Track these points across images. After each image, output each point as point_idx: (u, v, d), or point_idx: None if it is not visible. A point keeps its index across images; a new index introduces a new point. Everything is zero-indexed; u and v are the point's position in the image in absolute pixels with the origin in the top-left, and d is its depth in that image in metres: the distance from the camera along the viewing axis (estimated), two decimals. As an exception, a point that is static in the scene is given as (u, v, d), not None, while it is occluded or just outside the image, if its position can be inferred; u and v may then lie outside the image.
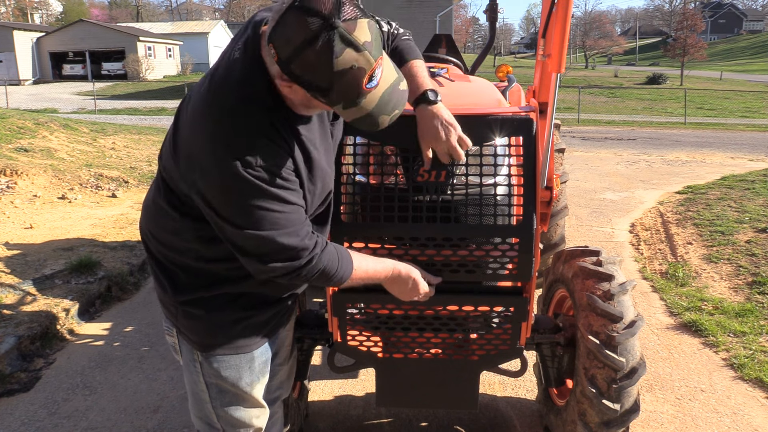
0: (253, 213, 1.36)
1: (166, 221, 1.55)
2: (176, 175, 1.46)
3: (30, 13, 68.51)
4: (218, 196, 1.37)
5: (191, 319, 1.60)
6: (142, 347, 3.70)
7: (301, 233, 1.42)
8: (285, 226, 1.39)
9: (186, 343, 1.65)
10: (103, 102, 26.91)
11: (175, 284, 1.59)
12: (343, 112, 1.32)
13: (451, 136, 1.73)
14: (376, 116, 1.33)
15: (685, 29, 42.46)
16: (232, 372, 1.64)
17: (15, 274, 4.46)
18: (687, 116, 21.91)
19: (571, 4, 2.03)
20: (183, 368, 1.72)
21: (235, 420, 1.70)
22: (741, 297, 4.38)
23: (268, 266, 1.42)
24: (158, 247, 1.61)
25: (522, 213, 1.86)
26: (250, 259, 1.43)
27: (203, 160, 1.35)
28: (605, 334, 2.10)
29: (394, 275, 1.72)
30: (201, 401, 1.70)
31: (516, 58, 73.80)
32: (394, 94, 1.34)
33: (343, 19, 1.20)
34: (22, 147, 9.15)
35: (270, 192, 1.35)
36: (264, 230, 1.37)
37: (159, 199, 1.55)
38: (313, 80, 1.25)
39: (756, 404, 3.04)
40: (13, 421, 2.94)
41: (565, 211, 4.02)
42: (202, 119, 1.38)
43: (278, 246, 1.39)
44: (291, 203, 1.40)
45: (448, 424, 2.85)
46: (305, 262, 1.44)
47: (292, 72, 1.26)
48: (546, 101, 2.26)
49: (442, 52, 4.20)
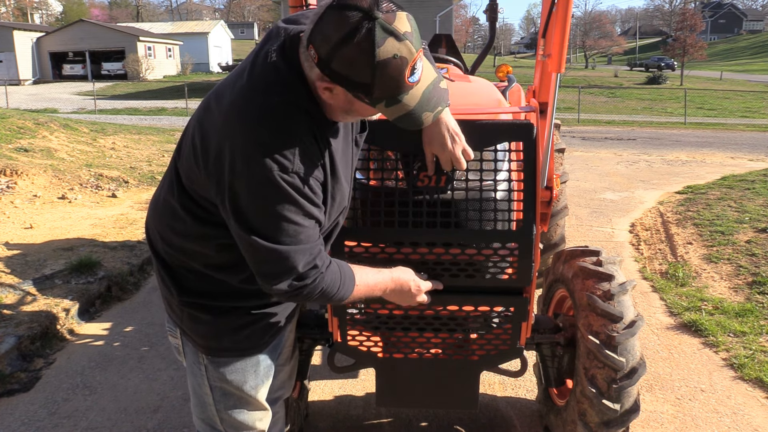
0: (276, 222, 1.32)
1: (177, 223, 1.52)
2: (198, 176, 1.41)
3: (30, 13, 68.53)
4: (245, 198, 1.32)
5: (196, 322, 1.58)
6: (142, 347, 3.70)
7: (314, 252, 1.39)
8: (302, 242, 1.36)
9: (190, 345, 1.63)
10: (103, 102, 26.91)
11: (180, 286, 1.57)
12: (386, 110, 1.31)
13: (456, 146, 1.72)
14: (419, 114, 1.32)
15: (685, 29, 42.47)
16: (238, 375, 1.63)
17: (15, 274, 4.47)
18: (687, 116, 21.91)
19: (571, 4, 2.03)
20: (187, 370, 1.70)
21: (239, 423, 1.69)
22: (741, 297, 4.38)
23: (275, 286, 1.39)
24: (165, 248, 1.58)
25: (522, 218, 1.86)
26: (259, 275, 1.40)
27: (237, 160, 1.30)
28: (605, 334, 2.10)
29: (394, 286, 1.69)
30: (204, 404, 1.69)
31: (516, 58, 73.81)
32: (435, 91, 1.33)
33: (382, 11, 1.20)
34: (22, 147, 9.15)
35: (298, 201, 1.32)
36: (281, 244, 1.33)
37: (171, 199, 1.51)
38: (354, 76, 1.24)
39: (756, 404, 3.04)
40: (13, 421, 2.94)
41: (565, 211, 4.02)
42: (241, 118, 1.33)
43: (289, 265, 1.36)
44: (313, 217, 1.37)
45: (448, 424, 2.85)
46: (311, 281, 1.40)
47: (333, 71, 1.24)
48: (546, 101, 2.26)
49: (442, 52, 4.20)
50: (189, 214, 1.48)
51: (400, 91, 1.27)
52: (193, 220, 1.48)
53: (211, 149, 1.36)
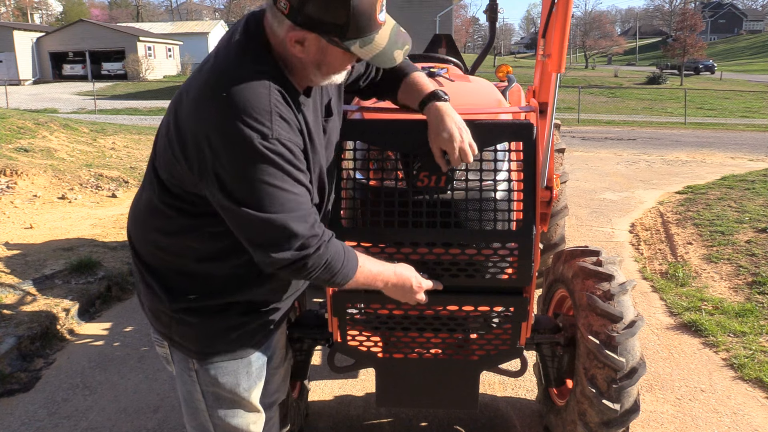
0: (265, 191, 1.32)
1: (163, 222, 1.50)
2: (179, 169, 1.40)
3: (30, 13, 68.52)
4: (231, 174, 1.31)
5: (186, 326, 1.56)
6: (142, 347, 3.70)
7: (309, 220, 1.38)
8: (295, 210, 1.35)
9: (179, 352, 1.61)
10: (103, 102, 26.91)
11: (170, 291, 1.54)
12: (361, 50, 1.36)
13: (465, 137, 1.70)
14: (391, 51, 1.41)
15: (685, 29, 42.46)
16: (230, 378, 1.61)
17: (15, 274, 4.47)
18: (687, 116, 21.90)
19: (571, 4, 2.03)
20: (176, 378, 1.68)
21: (232, 428, 1.67)
22: (741, 297, 4.38)
23: (278, 256, 1.37)
24: (153, 252, 1.56)
25: (522, 218, 1.86)
26: (260, 249, 1.38)
27: (215, 139, 1.30)
28: (605, 334, 2.10)
29: (396, 281, 1.67)
30: (196, 410, 1.66)
31: (516, 58, 73.79)
32: (400, 33, 1.45)
33: None
34: (22, 147, 9.15)
35: (284, 168, 1.32)
36: (275, 213, 1.33)
37: (154, 199, 1.50)
38: (329, 18, 1.29)
39: (756, 404, 3.04)
40: (13, 421, 2.94)
41: (565, 211, 4.02)
42: (212, 96, 1.32)
43: (288, 232, 1.35)
44: (302, 184, 1.37)
45: (448, 424, 2.84)
46: (313, 250, 1.38)
47: (306, 16, 1.29)
48: (546, 101, 2.26)
49: (442, 52, 4.21)
50: (174, 210, 1.48)
51: (372, 29, 1.34)
52: (179, 215, 1.47)
53: (189, 136, 1.35)
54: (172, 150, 1.40)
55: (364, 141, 1.91)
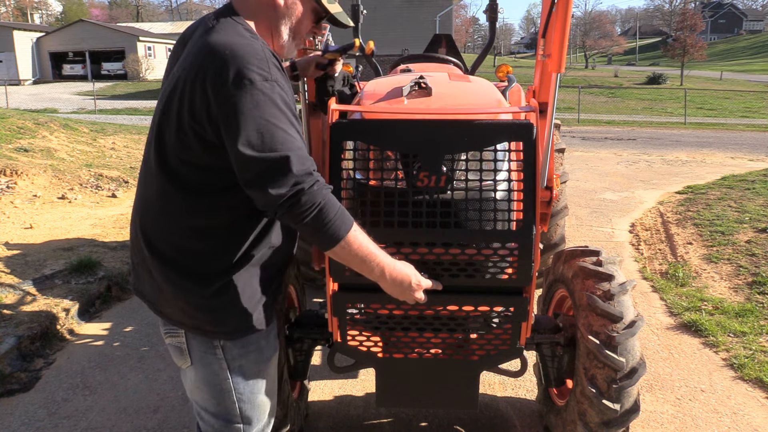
0: (265, 129, 1.42)
1: (177, 205, 1.55)
2: (189, 138, 1.48)
3: (30, 13, 68.52)
4: (236, 115, 1.41)
5: (213, 310, 1.60)
6: (142, 347, 3.70)
7: (305, 161, 1.46)
8: (291, 149, 1.44)
9: (200, 336, 1.63)
10: (103, 102, 26.91)
11: (200, 278, 1.58)
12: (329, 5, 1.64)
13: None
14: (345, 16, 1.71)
15: (685, 29, 42.47)
16: (254, 347, 1.67)
17: (15, 274, 4.47)
18: (687, 116, 21.92)
19: (571, 4, 2.03)
20: (195, 366, 1.67)
21: (256, 406, 1.71)
22: (741, 297, 4.38)
23: (274, 192, 1.43)
24: (174, 242, 1.57)
25: (522, 218, 1.86)
26: (256, 187, 1.45)
27: (221, 88, 1.41)
28: (605, 334, 2.10)
29: (395, 273, 1.64)
30: (221, 393, 1.67)
31: (516, 58, 73.79)
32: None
33: None
34: (22, 147, 9.15)
35: (281, 108, 1.45)
36: (273, 151, 1.42)
37: (165, 184, 1.54)
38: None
39: (756, 404, 3.04)
40: (13, 421, 2.94)
41: (565, 211, 4.02)
42: (205, 56, 1.46)
43: (285, 169, 1.42)
44: (295, 127, 1.48)
45: (448, 424, 2.85)
46: (308, 186, 1.44)
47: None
48: (546, 101, 2.26)
49: (442, 52, 4.21)
50: (183, 185, 1.54)
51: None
52: (187, 191, 1.54)
53: (191, 91, 1.46)
54: (179, 125, 1.49)
55: (364, 141, 1.91)
